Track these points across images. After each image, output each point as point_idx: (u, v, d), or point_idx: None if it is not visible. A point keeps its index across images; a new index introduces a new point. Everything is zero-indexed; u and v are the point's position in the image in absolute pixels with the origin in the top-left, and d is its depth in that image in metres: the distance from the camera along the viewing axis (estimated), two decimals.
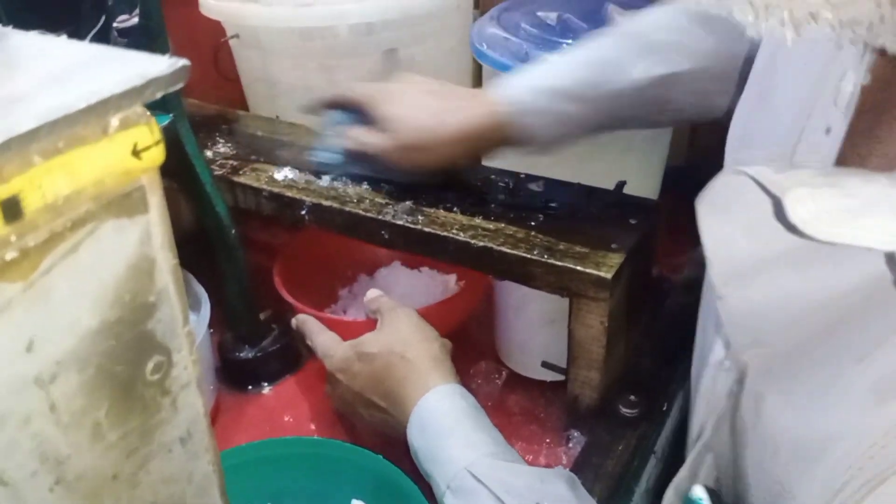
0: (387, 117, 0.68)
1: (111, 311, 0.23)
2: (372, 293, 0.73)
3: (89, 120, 0.21)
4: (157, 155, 0.23)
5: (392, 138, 0.68)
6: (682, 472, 0.42)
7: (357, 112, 0.72)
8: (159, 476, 0.27)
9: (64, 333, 0.22)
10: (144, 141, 0.22)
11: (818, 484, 0.33)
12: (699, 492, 0.40)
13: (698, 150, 1.09)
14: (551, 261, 0.63)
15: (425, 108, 0.68)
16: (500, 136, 0.67)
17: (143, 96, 0.22)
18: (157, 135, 0.23)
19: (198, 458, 0.28)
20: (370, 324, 0.69)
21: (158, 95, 0.22)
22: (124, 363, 0.24)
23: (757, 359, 0.39)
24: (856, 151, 0.38)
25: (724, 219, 0.38)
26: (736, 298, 0.39)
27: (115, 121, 0.22)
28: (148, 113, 0.22)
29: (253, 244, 0.78)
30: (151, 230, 0.24)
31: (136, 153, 0.22)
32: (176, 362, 0.26)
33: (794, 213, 0.31)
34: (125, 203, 0.23)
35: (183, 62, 0.23)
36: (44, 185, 0.20)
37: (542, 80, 0.66)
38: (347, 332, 0.70)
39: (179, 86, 0.23)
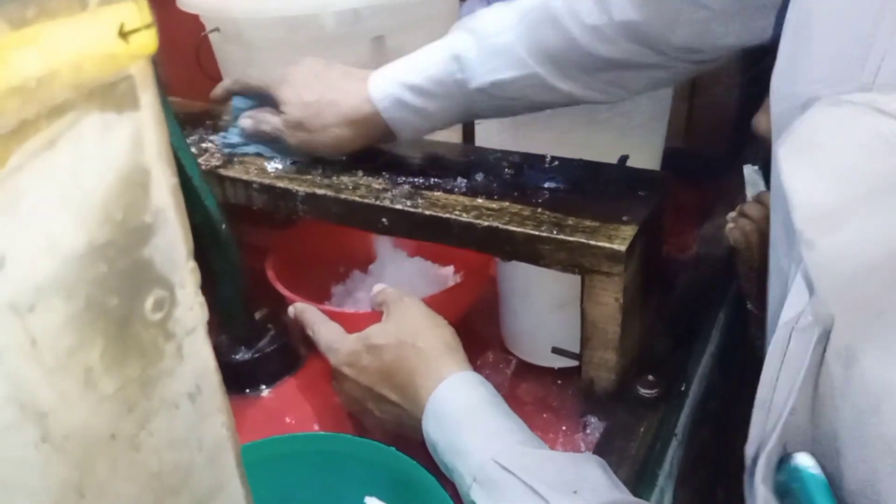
0: (280, 99, 0.71)
1: (100, 231, 0.20)
2: (378, 287, 0.69)
3: None
4: (147, 40, 0.20)
5: (283, 119, 0.71)
6: (773, 442, 0.39)
7: (263, 98, 0.75)
8: (164, 438, 0.23)
9: (43, 252, 0.19)
10: (132, 21, 0.19)
11: None
12: (805, 459, 0.37)
13: (696, 131, 1.08)
14: (561, 236, 0.60)
15: (313, 90, 0.71)
16: (375, 125, 0.69)
17: None
18: (148, 16, 0.20)
19: (208, 418, 0.25)
20: (375, 316, 0.66)
21: None
22: (119, 296, 0.21)
23: (849, 310, 0.36)
24: None
25: (816, 157, 0.36)
26: (827, 244, 0.36)
27: None
28: None
29: (244, 246, 0.75)
30: (144, 133, 0.21)
31: (122, 35, 0.19)
32: (180, 300, 0.23)
33: None
34: (111, 95, 0.19)
35: None
36: (10, 60, 0.17)
37: (402, 74, 0.67)
38: (350, 324, 0.66)
39: None
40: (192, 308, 0.23)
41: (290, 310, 0.70)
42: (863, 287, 0.35)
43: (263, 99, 0.75)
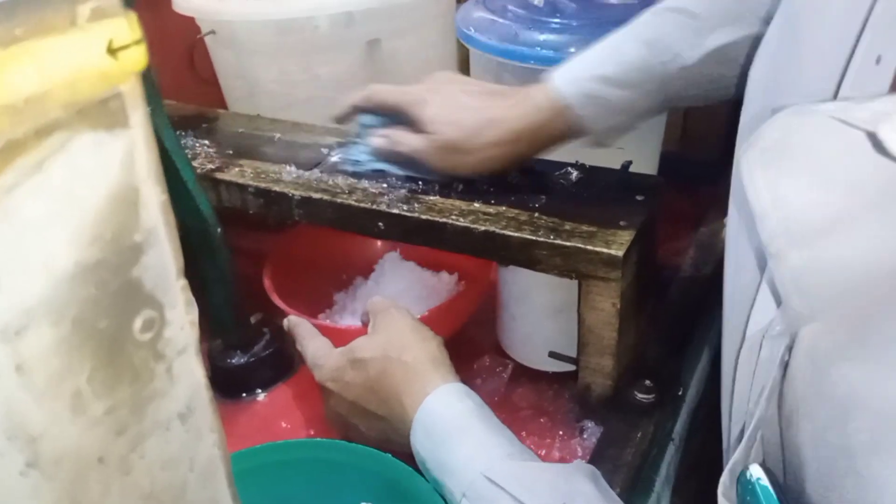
0: (425, 119, 0.65)
1: (90, 251, 0.20)
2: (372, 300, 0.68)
3: (53, 4, 0.17)
4: (137, 57, 0.19)
5: (431, 140, 0.65)
6: (738, 454, 0.38)
7: (390, 116, 0.69)
8: (156, 459, 0.23)
9: (32, 275, 0.18)
10: (122, 37, 0.19)
11: None
12: (757, 471, 0.36)
13: (691, 136, 1.08)
14: (558, 241, 0.60)
15: (466, 109, 0.65)
16: (550, 132, 0.63)
17: None
18: (138, 32, 0.19)
19: (201, 438, 0.24)
20: (366, 331, 0.65)
21: None
22: (108, 317, 0.20)
23: (821, 322, 0.35)
24: None
25: (785, 168, 0.35)
26: (798, 257, 0.34)
27: (84, 8, 0.18)
28: (124, 4, 0.19)
29: (240, 251, 0.74)
30: (134, 152, 0.20)
31: (112, 51, 0.19)
32: (170, 320, 0.22)
33: (893, 144, 0.28)
34: (101, 113, 0.19)
35: None
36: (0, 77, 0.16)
37: (592, 68, 0.62)
38: (342, 339, 0.66)
39: None
40: (182, 327, 0.23)
41: (285, 322, 0.69)
42: (839, 299, 0.34)
43: (391, 115, 0.69)
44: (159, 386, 0.23)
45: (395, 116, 0.68)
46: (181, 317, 0.23)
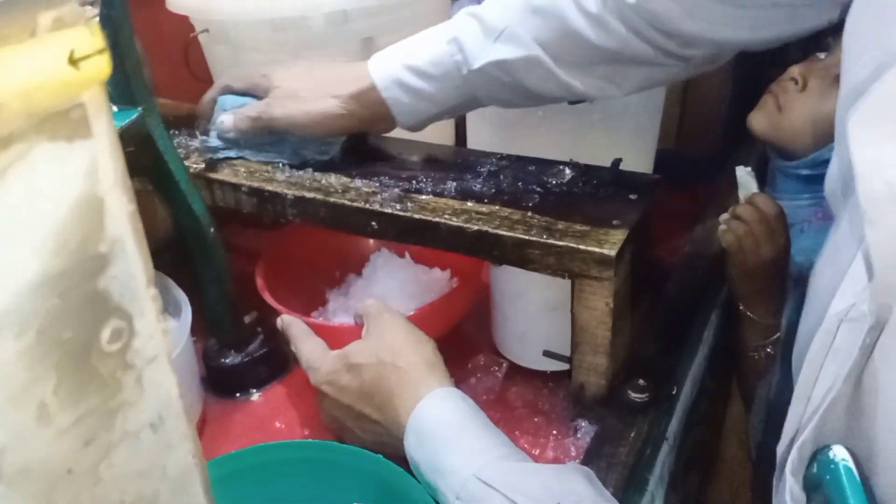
0: (271, 79, 0.72)
1: (54, 262, 0.19)
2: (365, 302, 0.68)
3: (12, 14, 0.17)
4: (100, 66, 0.19)
5: (273, 92, 0.71)
6: (807, 434, 0.37)
7: (248, 97, 0.74)
8: (126, 470, 0.23)
9: None
10: (84, 47, 0.19)
11: None
12: (841, 451, 0.36)
13: (688, 133, 1.08)
14: (550, 241, 0.60)
15: (305, 70, 0.72)
16: (372, 103, 0.68)
17: None
18: (100, 41, 0.19)
19: (172, 447, 0.24)
20: (359, 330, 0.65)
21: None
22: (74, 328, 0.20)
23: None
24: None
25: (888, 131, 0.33)
26: (894, 222, 0.33)
27: (45, 19, 0.18)
28: (88, 13, 0.19)
29: (233, 249, 0.74)
30: (98, 162, 0.20)
31: (73, 61, 0.18)
32: (138, 330, 0.22)
33: None
34: (62, 123, 0.19)
35: None
36: None
37: (405, 55, 0.67)
38: (335, 338, 0.66)
39: None
40: (152, 337, 0.23)
41: (279, 322, 0.69)
42: None
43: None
44: (128, 396, 0.22)
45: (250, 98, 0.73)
46: (151, 326, 0.23)
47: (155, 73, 0.86)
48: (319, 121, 0.69)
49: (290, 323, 0.68)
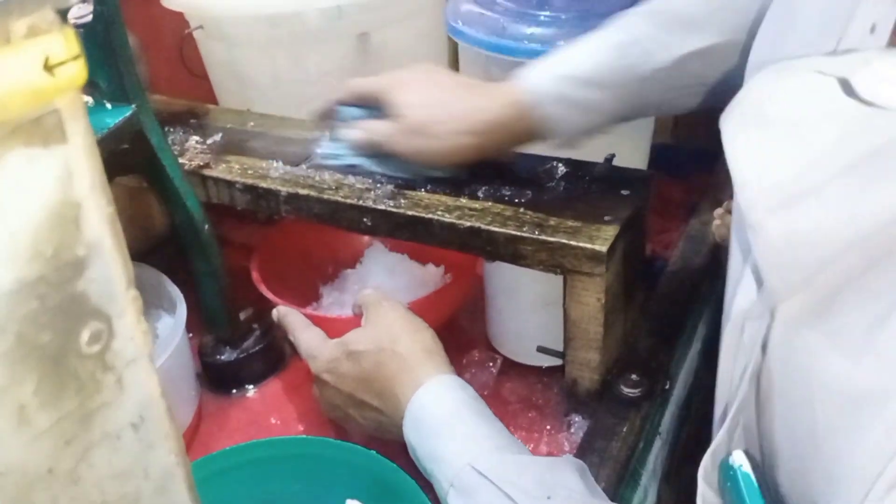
0: (398, 102, 0.65)
1: (30, 267, 0.20)
2: (363, 292, 0.69)
3: None
4: (75, 72, 0.19)
5: (399, 123, 0.65)
6: (719, 438, 0.38)
7: (372, 110, 0.68)
8: (107, 471, 0.23)
9: None
10: (58, 54, 0.19)
11: (870, 442, 0.30)
12: (739, 458, 0.36)
13: (684, 127, 1.08)
14: (542, 237, 0.60)
15: (437, 97, 0.65)
16: (517, 129, 0.63)
17: None
18: (75, 48, 0.19)
19: (154, 448, 0.24)
20: (357, 321, 0.66)
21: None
22: (52, 331, 0.20)
23: (795, 298, 0.34)
24: None
25: (764, 133, 0.34)
26: (776, 226, 0.33)
27: (19, 26, 0.18)
28: (62, 20, 0.19)
29: (228, 244, 0.74)
30: (73, 167, 0.20)
31: (48, 68, 0.19)
32: (118, 331, 0.22)
33: (866, 89, 0.27)
34: (36, 129, 0.19)
35: None
36: None
37: (563, 67, 0.62)
38: (333, 329, 0.66)
39: None
40: (132, 338, 0.23)
41: (274, 313, 0.70)
42: (815, 272, 0.33)
43: (373, 109, 0.69)
44: (108, 396, 0.23)
45: (376, 110, 0.68)
46: (131, 327, 0.23)
47: (151, 69, 0.86)
48: (449, 157, 0.65)
49: (287, 313, 0.69)
